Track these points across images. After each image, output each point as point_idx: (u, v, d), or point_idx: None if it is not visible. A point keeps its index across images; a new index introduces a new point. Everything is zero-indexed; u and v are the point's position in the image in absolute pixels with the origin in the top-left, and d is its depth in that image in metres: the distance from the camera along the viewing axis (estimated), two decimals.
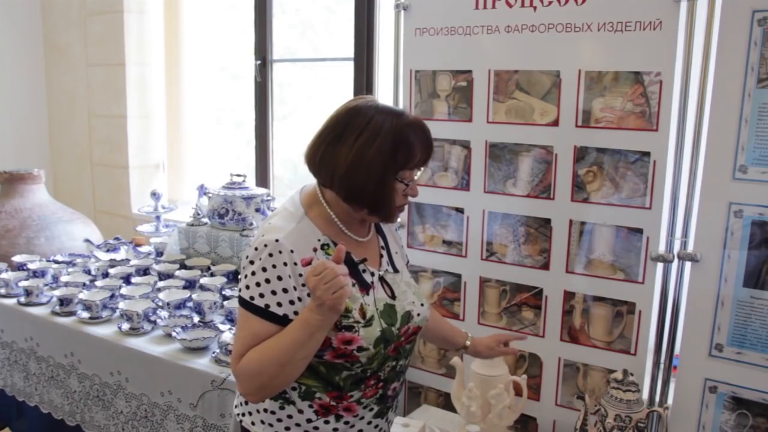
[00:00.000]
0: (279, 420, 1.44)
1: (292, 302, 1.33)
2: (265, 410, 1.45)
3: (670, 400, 1.91)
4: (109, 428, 2.42)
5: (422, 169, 1.44)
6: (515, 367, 2.14)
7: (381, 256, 1.52)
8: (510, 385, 1.96)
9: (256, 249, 1.34)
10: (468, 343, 1.79)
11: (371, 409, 1.46)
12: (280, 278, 1.32)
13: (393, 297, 1.46)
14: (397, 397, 1.54)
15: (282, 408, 1.43)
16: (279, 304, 1.33)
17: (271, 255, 1.32)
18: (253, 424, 1.47)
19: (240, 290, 1.36)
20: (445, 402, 2.22)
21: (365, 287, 1.42)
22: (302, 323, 1.29)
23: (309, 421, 1.42)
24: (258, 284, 1.33)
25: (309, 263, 1.34)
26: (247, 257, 1.37)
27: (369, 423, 1.47)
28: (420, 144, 1.39)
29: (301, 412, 1.42)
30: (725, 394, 1.79)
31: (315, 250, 1.37)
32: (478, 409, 1.93)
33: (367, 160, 1.33)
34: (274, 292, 1.32)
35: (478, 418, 1.92)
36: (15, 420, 2.79)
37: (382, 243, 1.55)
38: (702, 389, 1.82)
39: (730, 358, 1.77)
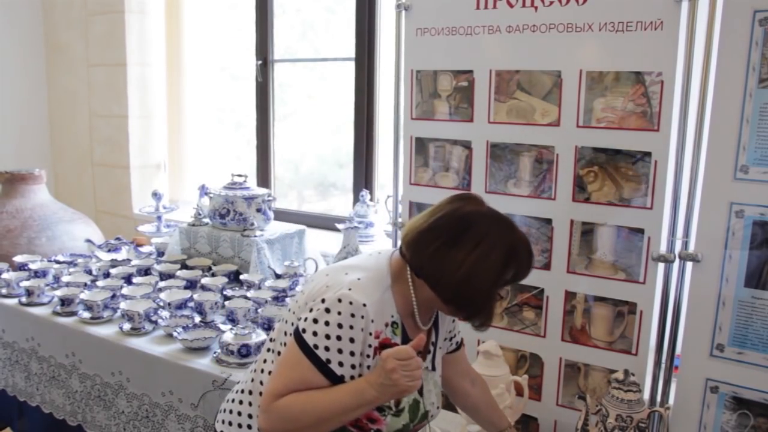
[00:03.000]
0: None
1: (353, 366, 1.33)
2: (249, 427, 1.45)
3: (671, 400, 1.91)
4: (111, 428, 2.43)
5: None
6: (516, 367, 2.14)
7: (428, 351, 1.52)
8: (511, 385, 1.96)
9: (339, 300, 1.31)
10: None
11: None
12: (352, 341, 1.31)
13: (420, 394, 1.47)
14: None
15: None
16: (341, 364, 1.32)
17: (353, 315, 1.31)
18: None
19: (304, 330, 1.32)
20: (446, 402, 2.21)
21: None
22: (356, 392, 1.29)
23: None
24: (328, 336, 1.31)
25: (378, 337, 1.35)
26: (323, 300, 1.33)
27: None
28: (527, 262, 1.39)
29: None
30: (726, 394, 1.79)
31: (386, 325, 1.37)
32: None
33: (480, 274, 1.33)
34: (340, 351, 1.31)
35: None
36: (16, 420, 2.79)
37: (433, 338, 1.54)
38: (703, 389, 1.82)
39: (732, 358, 1.77)
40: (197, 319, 2.44)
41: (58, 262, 3.05)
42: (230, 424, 1.49)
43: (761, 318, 1.72)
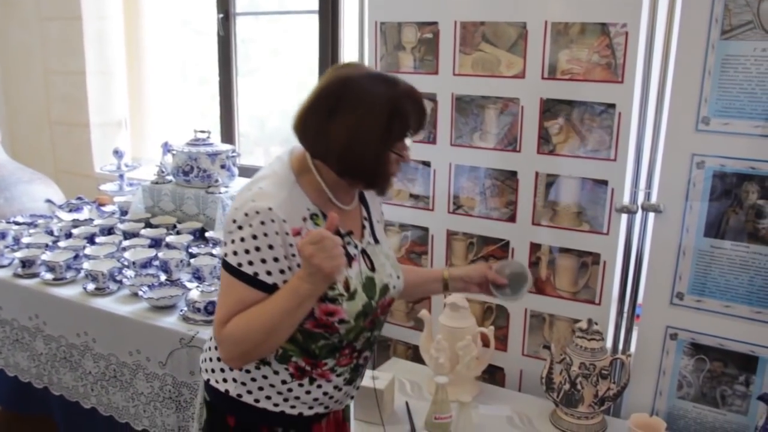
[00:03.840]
0: (253, 380, 1.44)
1: (282, 271, 1.32)
2: (239, 369, 1.45)
3: (632, 348, 1.96)
4: (78, 389, 2.41)
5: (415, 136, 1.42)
6: (483, 318, 2.17)
7: (363, 227, 1.50)
8: (477, 336, 1.99)
9: (246, 215, 1.30)
10: (446, 274, 1.71)
11: (344, 378, 1.47)
12: (271, 247, 1.30)
13: (372, 269, 1.46)
14: (366, 364, 1.56)
15: (258, 368, 1.43)
16: (269, 273, 1.31)
17: (263, 223, 1.29)
18: (225, 381, 1.47)
19: (226, 255, 1.32)
20: (414, 354, 2.25)
21: (349, 260, 1.40)
22: (291, 292, 1.28)
23: (284, 382, 1.43)
24: (247, 251, 1.30)
25: (298, 233, 1.32)
26: (234, 221, 1.32)
27: (340, 390, 1.48)
28: (414, 114, 1.36)
29: (276, 373, 1.42)
30: (685, 340, 1.84)
31: (304, 219, 1.35)
32: (447, 360, 1.95)
33: (363, 136, 1.30)
34: (264, 261, 1.30)
35: (447, 369, 1.95)
36: None
37: (365, 213, 1.52)
38: (663, 336, 1.87)
39: (691, 305, 1.82)
40: (163, 277, 2.42)
41: (17, 224, 2.99)
42: (213, 371, 1.50)
43: (719, 267, 1.76)
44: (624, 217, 1.89)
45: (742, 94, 1.66)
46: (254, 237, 1.29)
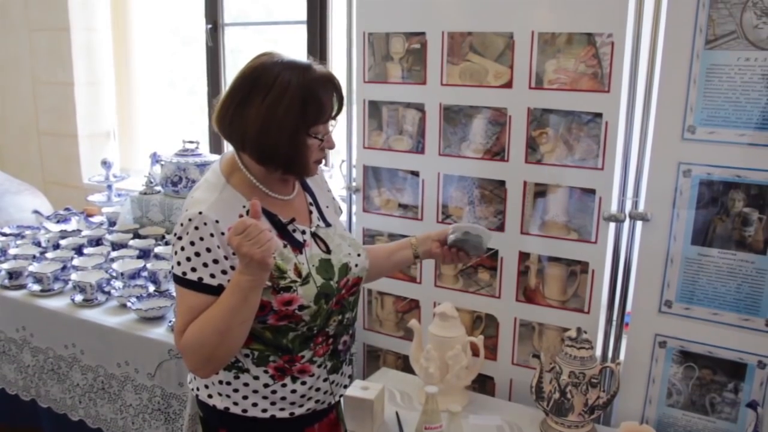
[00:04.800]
0: (236, 390, 1.43)
1: (224, 272, 1.33)
2: (221, 382, 1.44)
3: (622, 356, 1.96)
4: (66, 401, 2.39)
5: (336, 121, 1.43)
6: (472, 328, 2.17)
7: (310, 212, 1.51)
8: (467, 345, 1.99)
9: (181, 225, 1.33)
10: (413, 241, 1.71)
11: (325, 367, 1.47)
12: (209, 250, 1.32)
13: (328, 251, 1.47)
14: (349, 350, 1.55)
15: (237, 378, 1.42)
16: (212, 276, 1.32)
17: (196, 228, 1.31)
18: (210, 396, 1.46)
19: (173, 267, 1.36)
20: (404, 364, 2.24)
21: (298, 246, 1.41)
22: (234, 287, 1.28)
23: (266, 386, 1.42)
24: (188, 259, 1.32)
25: None
26: (175, 234, 1.35)
27: (325, 380, 1.48)
28: (330, 98, 1.37)
29: (257, 378, 1.42)
30: (674, 348, 1.85)
31: (241, 216, 1.35)
32: (436, 370, 1.95)
33: (276, 120, 1.32)
34: (205, 265, 1.32)
35: (437, 379, 1.95)
36: None
37: (309, 199, 1.53)
38: (652, 344, 1.87)
39: (679, 313, 1.82)
40: (151, 288, 2.41)
41: (4, 235, 2.97)
42: (199, 388, 1.51)
43: (707, 274, 1.77)
44: (612, 225, 1.90)
45: (727, 103, 1.67)
46: (192, 243, 1.32)
